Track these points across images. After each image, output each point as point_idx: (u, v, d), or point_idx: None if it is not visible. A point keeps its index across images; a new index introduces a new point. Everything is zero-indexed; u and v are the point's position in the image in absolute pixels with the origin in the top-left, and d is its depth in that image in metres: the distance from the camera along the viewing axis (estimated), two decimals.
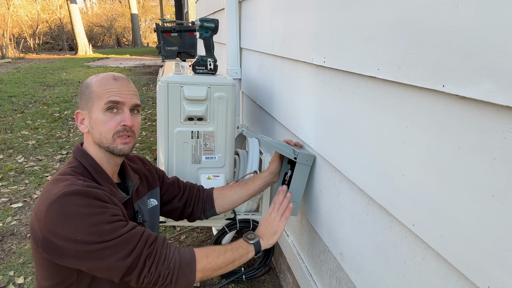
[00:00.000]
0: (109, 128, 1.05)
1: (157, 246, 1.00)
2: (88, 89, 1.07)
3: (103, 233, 0.93)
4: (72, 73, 9.87)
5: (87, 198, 0.94)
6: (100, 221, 0.94)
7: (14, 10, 16.94)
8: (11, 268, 2.17)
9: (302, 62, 1.45)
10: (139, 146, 4.27)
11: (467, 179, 0.68)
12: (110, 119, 1.05)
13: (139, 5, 26.63)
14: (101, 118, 1.04)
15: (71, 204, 0.92)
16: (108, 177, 1.09)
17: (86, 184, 0.99)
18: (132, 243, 0.97)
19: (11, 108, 5.81)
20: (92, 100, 1.05)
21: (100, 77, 1.08)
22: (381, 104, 0.94)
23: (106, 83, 1.06)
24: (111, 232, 0.94)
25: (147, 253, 0.98)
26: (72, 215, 0.92)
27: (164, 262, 0.98)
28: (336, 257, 1.28)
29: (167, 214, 1.43)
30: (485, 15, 0.61)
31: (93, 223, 0.93)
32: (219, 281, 2.07)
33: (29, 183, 3.28)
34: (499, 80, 0.59)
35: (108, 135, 1.05)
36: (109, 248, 0.94)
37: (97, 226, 0.93)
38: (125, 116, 1.06)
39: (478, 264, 0.66)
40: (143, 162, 1.32)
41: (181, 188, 1.42)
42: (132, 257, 0.95)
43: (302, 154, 1.39)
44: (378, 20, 0.91)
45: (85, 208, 0.93)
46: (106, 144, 1.06)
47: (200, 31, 1.73)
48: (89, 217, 0.93)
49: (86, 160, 1.07)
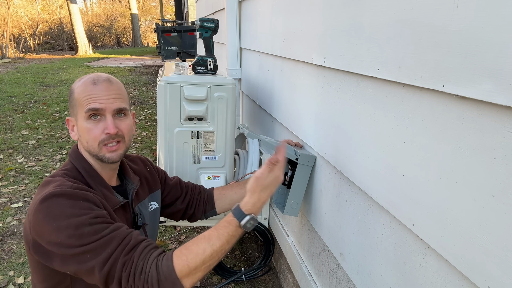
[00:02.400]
0: (94, 136, 1.01)
1: (134, 256, 0.91)
2: (72, 95, 1.03)
3: (82, 236, 0.89)
4: (72, 73, 9.88)
5: (73, 200, 0.91)
6: (81, 223, 0.89)
7: (14, 10, 16.94)
8: (11, 268, 2.17)
9: (302, 62, 1.45)
10: (139, 146, 4.27)
11: (467, 179, 0.68)
12: (93, 127, 1.01)
13: (139, 5, 26.63)
14: (85, 126, 1.01)
15: (55, 204, 0.90)
16: (103, 180, 1.06)
17: (75, 186, 0.96)
18: (111, 246, 0.90)
19: (11, 108, 5.81)
20: (76, 107, 1.02)
21: (81, 81, 1.03)
22: (381, 104, 0.94)
23: (86, 89, 1.01)
24: (91, 234, 0.89)
25: (123, 262, 0.90)
26: (54, 217, 0.89)
27: (141, 276, 0.89)
28: (336, 257, 1.28)
29: (169, 216, 1.41)
30: (485, 15, 0.61)
31: (73, 225, 0.89)
32: (219, 281, 2.07)
33: (29, 183, 3.28)
34: (499, 80, 0.59)
35: (94, 144, 1.02)
36: (89, 252, 0.89)
37: (76, 229, 0.89)
38: (107, 123, 1.01)
39: (478, 264, 0.66)
40: (144, 163, 1.30)
41: (184, 190, 1.41)
42: (108, 265, 0.89)
43: (303, 155, 1.39)
44: (378, 20, 0.91)
45: (68, 209, 0.90)
46: (94, 152, 1.03)
47: (200, 31, 1.73)
48: (70, 219, 0.89)
49: (80, 163, 1.04)
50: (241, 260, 2.27)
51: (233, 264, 2.23)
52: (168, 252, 0.94)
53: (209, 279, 2.09)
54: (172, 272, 0.89)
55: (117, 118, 1.04)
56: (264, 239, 1.96)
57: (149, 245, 0.95)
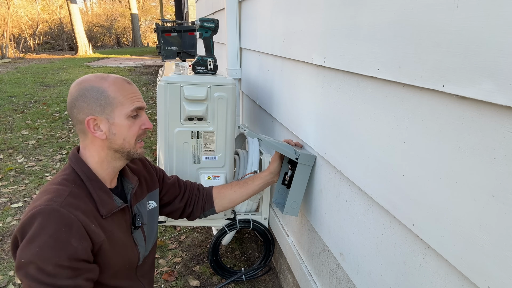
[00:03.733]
0: (133, 133, 1.07)
1: None
2: (102, 94, 1.02)
3: (40, 271, 0.89)
4: (72, 73, 9.87)
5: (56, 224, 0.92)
6: (49, 257, 0.90)
7: (14, 10, 16.94)
8: (11, 268, 2.17)
9: (302, 62, 1.45)
10: None
11: (467, 179, 0.68)
12: (133, 124, 1.07)
13: (139, 5, 26.62)
14: (126, 123, 1.05)
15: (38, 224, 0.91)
16: (102, 184, 1.06)
17: (66, 202, 0.95)
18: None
19: (11, 108, 5.81)
20: (112, 106, 1.03)
21: (110, 81, 1.04)
22: (381, 104, 0.94)
23: (124, 88, 1.06)
24: (49, 276, 0.89)
25: None
26: (33, 235, 0.90)
27: None
28: (336, 257, 1.28)
29: (168, 215, 1.42)
30: (485, 15, 0.61)
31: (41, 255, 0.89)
32: (219, 281, 2.07)
33: (29, 183, 3.28)
34: (499, 80, 0.59)
35: (131, 140, 1.07)
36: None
37: (41, 261, 0.89)
38: (145, 119, 1.10)
39: (478, 264, 0.66)
40: (143, 162, 1.31)
41: (182, 188, 1.41)
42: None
43: (303, 155, 1.39)
44: (378, 20, 0.91)
45: (45, 235, 0.90)
46: (128, 149, 1.08)
47: (200, 31, 1.73)
48: (42, 246, 0.90)
49: (80, 168, 1.04)
50: (241, 260, 2.27)
51: (233, 264, 2.23)
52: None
53: (209, 279, 2.09)
54: None
55: None
56: (264, 239, 1.96)
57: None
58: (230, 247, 2.39)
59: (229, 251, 2.36)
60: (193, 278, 2.09)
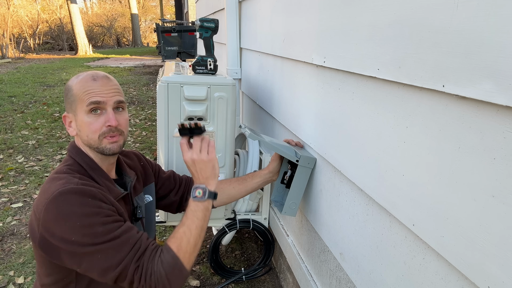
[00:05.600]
0: (94, 129, 1.04)
1: (144, 260, 0.98)
2: (70, 91, 1.05)
3: (96, 235, 0.93)
4: (72, 73, 9.87)
5: (82, 197, 0.94)
6: (94, 223, 0.93)
7: (14, 10, 16.94)
8: (11, 268, 2.17)
9: (302, 62, 1.45)
10: (139, 146, 4.27)
11: (467, 179, 0.68)
12: (94, 120, 1.04)
13: (139, 5, 26.62)
14: (86, 120, 1.03)
15: (66, 203, 0.93)
16: (104, 173, 1.09)
17: (81, 182, 0.98)
18: (124, 250, 0.95)
19: (11, 108, 5.81)
20: (75, 102, 1.04)
21: (79, 78, 1.06)
22: (381, 104, 0.94)
23: (86, 84, 1.04)
24: (104, 234, 0.94)
25: (135, 267, 0.96)
26: (66, 215, 0.92)
27: (152, 276, 0.97)
28: (336, 257, 1.28)
29: (164, 208, 1.44)
30: (485, 15, 0.61)
31: (87, 224, 0.92)
32: (219, 282, 2.07)
33: (29, 183, 3.28)
34: (499, 80, 0.59)
35: (94, 137, 1.05)
36: (100, 252, 0.93)
37: (90, 228, 0.93)
38: (108, 116, 1.04)
39: (478, 264, 0.67)
40: (138, 157, 1.33)
41: (177, 182, 1.43)
42: (121, 267, 0.94)
43: (304, 157, 1.39)
44: (378, 20, 0.91)
45: (79, 208, 0.93)
46: (95, 145, 1.06)
47: (200, 31, 1.73)
48: (82, 218, 0.92)
49: (81, 158, 1.07)
50: (241, 260, 2.27)
51: (233, 264, 2.23)
52: (163, 246, 1.03)
53: (209, 279, 2.09)
54: (176, 259, 0.99)
55: (116, 113, 1.07)
56: (264, 239, 1.96)
57: (154, 248, 1.01)
58: (230, 247, 2.39)
59: (229, 251, 2.36)
60: (193, 278, 2.09)
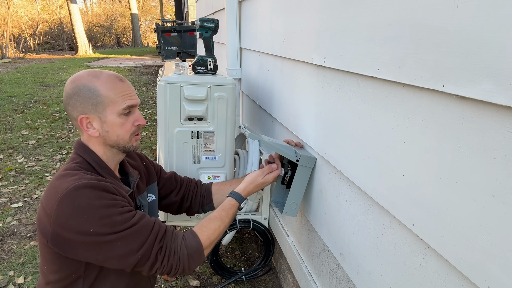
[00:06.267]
0: (127, 130, 1.09)
1: (167, 241, 1.05)
2: (94, 93, 1.03)
3: (115, 224, 0.96)
4: (72, 73, 9.86)
5: (98, 191, 0.97)
6: (112, 213, 0.97)
7: (14, 10, 16.94)
8: (11, 268, 2.17)
9: (302, 62, 1.45)
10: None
11: (467, 179, 0.68)
12: (126, 121, 1.08)
13: (139, 5, 26.61)
14: (118, 121, 1.07)
15: (83, 197, 0.95)
16: (112, 171, 1.11)
17: (94, 178, 1.01)
18: (144, 235, 1.01)
19: (11, 108, 5.81)
20: (104, 104, 1.04)
21: (103, 79, 1.04)
22: (381, 104, 0.94)
23: (116, 86, 1.05)
24: (122, 222, 0.97)
25: (158, 248, 1.02)
26: (84, 208, 0.94)
27: (175, 256, 1.04)
28: (336, 257, 1.28)
29: (165, 208, 1.45)
30: (485, 15, 0.61)
31: (105, 214, 0.96)
32: (219, 282, 2.07)
33: (29, 183, 3.28)
34: (499, 80, 0.59)
35: (125, 137, 1.09)
36: (121, 239, 0.97)
37: (109, 218, 0.96)
38: (138, 116, 1.11)
39: (478, 264, 0.66)
40: (140, 157, 1.34)
41: (178, 183, 1.44)
42: (143, 250, 0.99)
43: (304, 157, 1.39)
44: (378, 20, 0.91)
45: (96, 201, 0.96)
46: (123, 144, 1.10)
47: (200, 31, 1.73)
48: (100, 209, 0.95)
49: (90, 156, 1.08)
50: (241, 260, 2.27)
51: (233, 264, 2.23)
52: (188, 230, 1.13)
53: (209, 279, 2.09)
54: (200, 245, 1.09)
55: None
56: (264, 239, 1.96)
57: (173, 229, 1.10)
58: (230, 247, 2.39)
59: (229, 251, 2.36)
60: (193, 278, 2.09)
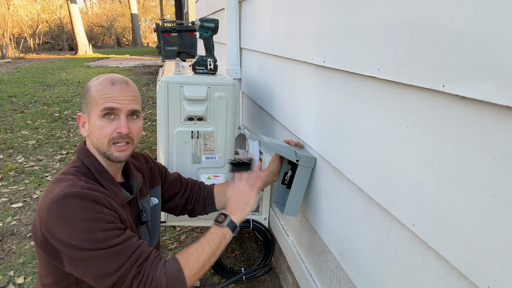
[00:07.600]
0: (105, 134, 1.04)
1: (146, 267, 0.97)
2: (88, 93, 1.06)
3: (96, 241, 0.92)
4: (72, 73, 9.87)
5: (85, 201, 0.94)
6: (95, 227, 0.93)
7: (14, 10, 16.94)
8: (11, 268, 2.17)
9: (302, 62, 1.45)
10: (139, 146, 4.27)
11: (467, 179, 0.68)
12: (106, 125, 1.04)
13: (139, 5, 26.61)
14: (98, 124, 1.03)
15: (69, 206, 0.92)
16: (111, 177, 1.09)
17: (86, 186, 0.98)
18: (123, 257, 0.95)
19: (11, 108, 5.81)
20: (91, 105, 1.05)
21: (99, 80, 1.06)
22: (381, 104, 0.94)
23: (103, 88, 1.04)
24: (103, 240, 0.93)
25: (136, 273, 0.95)
26: (68, 218, 0.92)
27: (152, 283, 0.96)
28: (336, 257, 1.28)
29: (168, 211, 1.44)
30: (485, 15, 0.61)
31: (87, 228, 0.92)
32: (219, 282, 2.07)
33: (29, 183, 3.28)
34: (499, 80, 0.59)
35: (104, 141, 1.04)
36: (98, 258, 0.93)
37: (90, 232, 0.92)
38: (120, 123, 1.04)
39: (478, 264, 0.66)
40: (145, 159, 1.33)
41: (183, 185, 1.44)
42: (119, 273, 0.94)
43: (304, 157, 1.39)
44: (378, 20, 0.91)
45: (81, 212, 0.93)
46: (103, 150, 1.06)
47: (200, 31, 1.73)
48: (84, 222, 0.92)
49: (89, 161, 1.07)
50: (241, 260, 2.27)
51: (233, 264, 2.23)
52: (171, 257, 1.03)
53: (209, 279, 2.09)
54: (180, 274, 0.99)
55: (130, 120, 1.07)
56: (264, 239, 1.96)
57: (157, 256, 1.02)
58: (230, 247, 2.39)
59: (229, 251, 2.36)
60: None
